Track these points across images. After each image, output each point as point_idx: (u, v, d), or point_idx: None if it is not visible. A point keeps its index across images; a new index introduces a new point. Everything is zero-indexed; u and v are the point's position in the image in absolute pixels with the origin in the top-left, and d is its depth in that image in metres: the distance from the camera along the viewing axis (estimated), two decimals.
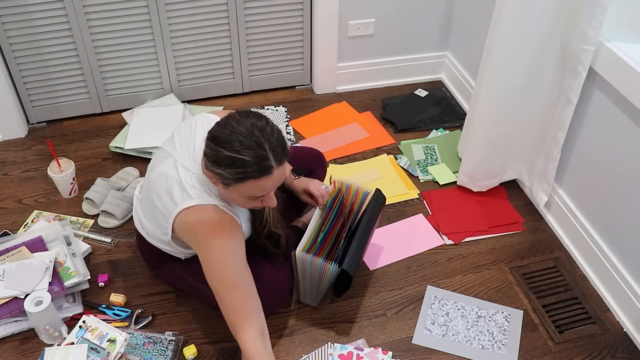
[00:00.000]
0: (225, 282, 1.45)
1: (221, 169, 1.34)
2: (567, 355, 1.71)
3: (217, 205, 1.45)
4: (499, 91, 1.97)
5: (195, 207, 1.44)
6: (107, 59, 2.44)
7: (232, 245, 1.44)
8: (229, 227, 1.45)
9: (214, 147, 1.34)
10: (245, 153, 1.30)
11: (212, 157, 1.35)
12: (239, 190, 1.37)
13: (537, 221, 2.13)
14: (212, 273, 1.46)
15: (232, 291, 1.45)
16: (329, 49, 2.61)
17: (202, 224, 1.44)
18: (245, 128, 1.32)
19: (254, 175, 1.32)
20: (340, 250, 1.67)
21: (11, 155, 2.38)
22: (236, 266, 1.45)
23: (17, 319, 1.71)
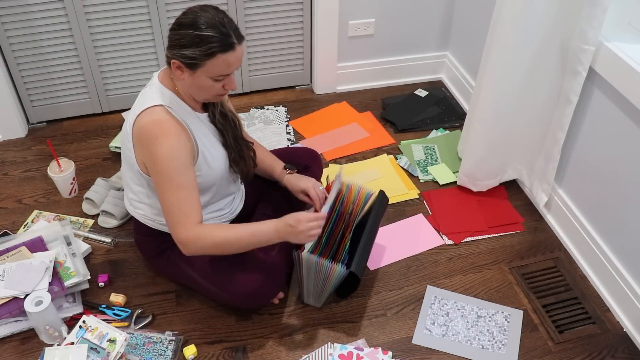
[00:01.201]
0: (170, 181, 1.49)
1: (190, 49, 1.43)
2: (567, 355, 1.71)
3: (164, 106, 1.51)
4: (499, 91, 1.97)
5: (146, 110, 1.50)
6: (107, 59, 2.44)
7: (177, 147, 1.49)
8: (174, 130, 1.49)
9: (181, 32, 1.44)
10: (210, 31, 1.42)
11: (180, 41, 1.44)
12: (207, 70, 1.45)
13: (537, 221, 2.13)
14: (157, 175, 1.51)
15: (177, 191, 1.50)
16: (329, 49, 2.61)
17: (150, 124, 1.49)
18: (210, 13, 1.45)
19: (220, 49, 1.43)
20: (346, 252, 1.67)
21: (11, 155, 2.38)
22: (181, 167, 1.50)
23: (17, 319, 1.71)
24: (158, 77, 1.57)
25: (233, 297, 1.66)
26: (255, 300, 1.68)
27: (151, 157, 1.50)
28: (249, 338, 1.73)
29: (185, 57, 1.44)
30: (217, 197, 1.72)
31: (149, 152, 1.51)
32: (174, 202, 1.51)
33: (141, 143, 1.52)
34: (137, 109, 1.54)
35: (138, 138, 1.53)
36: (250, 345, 1.71)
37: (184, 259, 1.71)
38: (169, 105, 1.52)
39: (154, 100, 1.52)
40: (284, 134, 2.49)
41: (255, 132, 2.50)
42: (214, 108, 1.65)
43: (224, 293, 1.67)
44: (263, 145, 2.21)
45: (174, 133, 1.49)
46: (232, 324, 1.76)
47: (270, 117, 2.59)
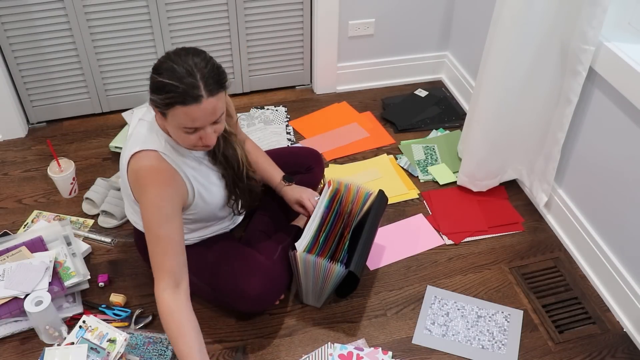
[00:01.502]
0: (150, 232, 1.45)
1: (154, 94, 1.37)
2: (567, 355, 1.71)
3: (159, 152, 1.47)
4: (499, 91, 1.97)
5: (140, 153, 1.46)
6: (107, 59, 2.44)
7: (163, 196, 1.44)
8: (165, 176, 1.46)
9: (151, 76, 1.38)
10: (175, 80, 1.33)
11: (150, 84, 1.39)
12: (172, 119, 1.38)
13: (537, 221, 2.13)
14: (143, 220, 1.48)
15: (155, 243, 1.44)
16: (329, 49, 2.61)
17: (142, 170, 1.45)
18: (182, 59, 1.36)
19: (179, 101, 1.33)
20: (345, 252, 1.67)
21: (11, 155, 2.38)
22: (162, 218, 1.44)
23: (17, 319, 1.71)
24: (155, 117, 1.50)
25: (235, 301, 1.66)
26: (257, 304, 1.68)
27: (140, 203, 1.48)
28: (249, 338, 1.73)
29: (153, 102, 1.40)
30: (217, 220, 1.72)
31: (138, 198, 1.49)
32: (152, 252, 1.45)
33: (133, 186, 1.51)
34: (132, 146, 1.49)
35: (132, 181, 1.50)
36: (250, 345, 1.71)
37: None
38: (163, 151, 1.48)
39: (148, 143, 1.47)
40: (284, 134, 2.49)
41: (255, 132, 2.50)
42: (216, 149, 1.59)
43: (226, 297, 1.67)
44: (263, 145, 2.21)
45: (163, 182, 1.45)
46: (232, 324, 1.76)
47: (270, 117, 2.59)
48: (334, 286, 1.69)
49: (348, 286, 1.78)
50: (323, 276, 1.65)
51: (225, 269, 1.66)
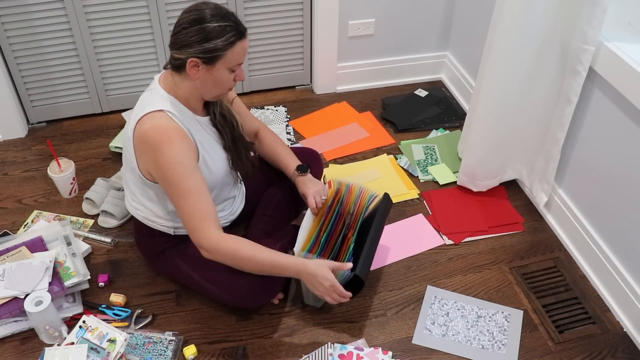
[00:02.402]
0: (178, 188, 1.49)
1: (211, 42, 1.44)
2: (567, 355, 1.71)
3: (165, 111, 1.50)
4: (499, 91, 1.97)
5: (146, 115, 1.49)
6: (107, 59, 2.44)
7: (180, 152, 1.48)
8: (176, 135, 1.49)
9: (195, 28, 1.44)
10: (226, 21, 1.45)
11: (197, 37, 1.44)
12: (227, 60, 1.47)
13: (537, 221, 2.13)
14: (165, 182, 1.50)
15: (186, 196, 1.49)
16: (329, 49, 2.61)
17: (151, 131, 1.48)
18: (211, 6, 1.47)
19: (238, 36, 1.47)
20: (350, 254, 1.66)
21: (11, 155, 2.38)
22: (186, 171, 1.49)
23: (17, 319, 1.71)
24: (159, 82, 1.57)
25: (232, 297, 1.66)
26: (254, 300, 1.68)
27: (156, 165, 1.50)
28: (249, 338, 1.73)
29: (206, 52, 1.45)
30: (218, 200, 1.72)
31: (153, 160, 1.50)
32: (185, 208, 1.51)
33: (143, 150, 1.51)
34: (137, 113, 1.53)
35: (139, 144, 1.52)
36: (250, 345, 1.71)
37: (183, 259, 1.71)
38: (169, 110, 1.51)
39: (154, 105, 1.51)
40: (284, 134, 2.49)
41: None
42: (215, 108, 1.65)
43: (223, 293, 1.67)
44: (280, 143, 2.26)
45: (176, 138, 1.49)
46: (232, 324, 1.76)
47: (270, 117, 2.59)
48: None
49: (352, 289, 1.77)
50: None
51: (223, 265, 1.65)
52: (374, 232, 1.72)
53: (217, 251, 1.52)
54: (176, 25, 1.48)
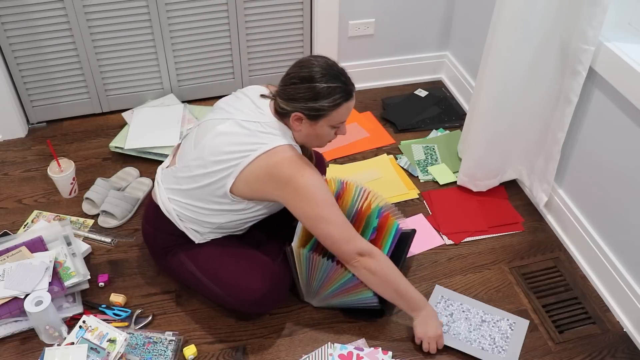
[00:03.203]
0: (329, 206, 1.53)
1: (318, 102, 1.49)
2: (567, 355, 1.71)
3: (292, 145, 1.54)
4: (499, 91, 1.97)
5: (276, 148, 1.51)
6: (107, 59, 2.44)
7: (319, 177, 1.53)
8: (307, 162, 1.54)
9: (304, 85, 1.49)
10: (335, 82, 1.50)
11: (305, 94, 1.49)
12: (331, 119, 1.52)
13: (537, 221, 2.13)
14: (312, 205, 1.52)
15: (338, 211, 1.54)
16: (329, 49, 2.61)
17: (285, 161, 1.50)
18: (322, 64, 1.51)
19: (345, 98, 1.51)
20: None
21: (11, 155, 2.38)
22: (329, 194, 1.54)
23: (17, 319, 1.71)
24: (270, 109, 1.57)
25: (238, 302, 1.66)
26: (260, 307, 1.69)
27: (295, 193, 1.51)
28: (249, 338, 1.73)
29: (311, 110, 1.50)
30: None
31: (280, 189, 1.51)
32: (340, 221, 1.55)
33: (265, 182, 1.52)
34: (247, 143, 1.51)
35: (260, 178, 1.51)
36: (250, 345, 1.71)
37: (191, 260, 1.70)
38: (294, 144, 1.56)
39: (280, 140, 1.52)
40: None
41: None
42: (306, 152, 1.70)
43: (229, 297, 1.66)
44: None
45: (309, 165, 1.53)
46: (232, 324, 1.76)
47: None
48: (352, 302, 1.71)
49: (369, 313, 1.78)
50: (323, 274, 1.65)
51: (230, 268, 1.66)
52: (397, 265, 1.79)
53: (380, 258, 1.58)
54: (286, 77, 1.52)
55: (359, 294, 1.67)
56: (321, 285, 1.69)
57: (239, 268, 1.65)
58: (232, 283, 1.64)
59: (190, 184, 1.61)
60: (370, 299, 1.67)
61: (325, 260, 1.61)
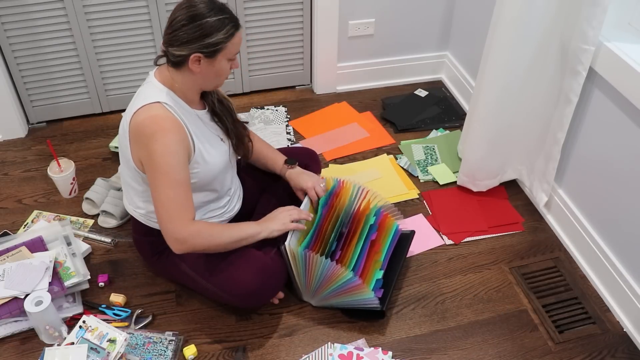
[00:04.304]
0: (166, 177, 1.51)
1: (213, 37, 1.47)
2: (567, 355, 1.71)
3: (162, 103, 1.52)
4: (499, 91, 1.97)
5: (144, 107, 1.51)
6: (107, 59, 2.44)
7: (174, 143, 1.50)
8: (171, 126, 1.51)
9: (198, 23, 1.46)
10: (223, 13, 1.49)
11: (200, 32, 1.46)
12: (227, 51, 1.51)
13: (537, 221, 2.13)
14: (154, 170, 1.52)
15: (174, 187, 1.52)
16: (329, 49, 2.61)
17: (147, 120, 1.50)
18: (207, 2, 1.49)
19: (236, 27, 1.51)
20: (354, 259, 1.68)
21: (11, 155, 2.38)
22: (179, 162, 1.51)
23: (17, 319, 1.71)
24: (155, 76, 1.58)
25: (232, 297, 1.66)
26: (254, 300, 1.68)
27: (148, 153, 1.51)
28: (249, 338, 1.73)
29: (207, 47, 1.47)
30: (215, 196, 1.72)
31: (145, 148, 1.51)
32: (170, 197, 1.52)
33: (138, 139, 1.53)
34: (134, 105, 1.55)
35: (135, 134, 1.53)
36: (250, 345, 1.71)
37: (183, 259, 1.71)
38: (166, 102, 1.53)
39: (151, 97, 1.53)
40: (284, 134, 2.49)
41: (255, 132, 2.50)
42: (212, 97, 1.68)
43: (223, 293, 1.67)
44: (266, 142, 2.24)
45: (171, 129, 1.50)
46: (232, 324, 1.76)
47: (270, 117, 2.59)
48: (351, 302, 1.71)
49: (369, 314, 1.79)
50: (321, 274, 1.65)
51: (222, 262, 1.66)
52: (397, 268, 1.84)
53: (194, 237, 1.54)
54: (172, 23, 1.48)
55: (359, 295, 1.67)
56: (320, 284, 1.70)
57: (230, 262, 1.65)
58: (224, 278, 1.65)
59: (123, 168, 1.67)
60: (371, 300, 1.67)
61: (324, 259, 1.61)
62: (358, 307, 1.73)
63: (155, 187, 1.54)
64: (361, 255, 1.70)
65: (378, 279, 1.70)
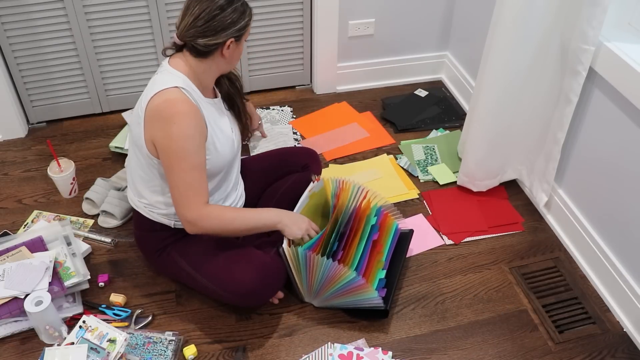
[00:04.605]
0: (184, 160, 1.53)
1: (241, 21, 1.54)
2: (567, 355, 1.71)
3: (179, 88, 1.53)
4: (499, 91, 1.97)
5: (161, 91, 1.52)
6: (107, 59, 2.44)
7: (193, 127, 1.52)
8: (189, 110, 1.52)
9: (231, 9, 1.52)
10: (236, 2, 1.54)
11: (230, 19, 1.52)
12: (247, 32, 1.59)
13: (537, 221, 2.13)
14: (171, 153, 1.53)
15: (191, 170, 1.54)
16: (329, 49, 2.61)
17: (165, 103, 1.51)
18: None
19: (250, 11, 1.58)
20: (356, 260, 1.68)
21: (11, 155, 2.38)
22: (196, 147, 1.54)
23: (17, 319, 1.71)
24: (170, 64, 1.59)
25: (232, 295, 1.66)
26: (253, 299, 1.68)
27: (165, 135, 1.52)
28: (249, 338, 1.73)
29: (238, 30, 1.54)
30: (220, 186, 1.73)
31: (162, 131, 1.52)
32: (187, 180, 1.54)
33: (154, 122, 1.53)
34: (151, 90, 1.55)
35: (151, 117, 1.54)
36: (250, 345, 1.71)
37: (184, 257, 1.71)
38: (183, 87, 1.54)
39: (168, 82, 1.54)
40: (290, 134, 2.49)
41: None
42: (223, 79, 1.75)
43: (222, 291, 1.67)
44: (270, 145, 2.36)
45: (189, 113, 1.52)
46: (232, 324, 1.76)
47: (276, 117, 2.59)
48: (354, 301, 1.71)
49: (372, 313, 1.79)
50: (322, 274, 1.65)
51: (220, 261, 1.66)
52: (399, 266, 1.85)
53: (206, 219, 1.58)
54: (200, 15, 1.50)
55: (362, 295, 1.67)
56: (322, 285, 1.69)
57: (230, 261, 1.66)
58: (224, 276, 1.65)
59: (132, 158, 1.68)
60: (374, 299, 1.67)
61: (325, 259, 1.61)
62: (362, 306, 1.73)
63: (170, 170, 1.55)
64: (363, 255, 1.70)
65: (381, 278, 1.70)
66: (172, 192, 1.58)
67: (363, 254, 1.70)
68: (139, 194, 1.71)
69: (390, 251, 1.81)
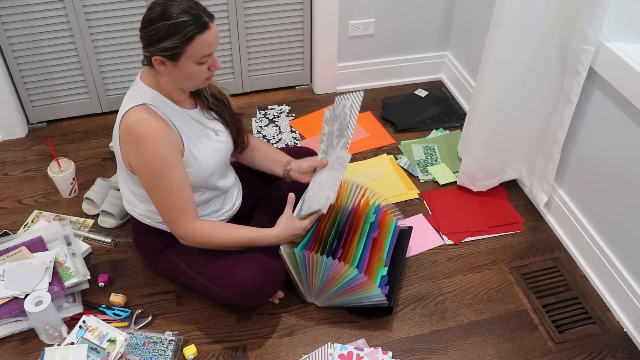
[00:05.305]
0: (160, 182, 1.52)
1: (168, 40, 1.43)
2: (567, 355, 1.71)
3: (147, 104, 1.52)
4: (499, 91, 1.97)
5: (130, 110, 1.51)
6: (107, 59, 2.44)
7: (162, 146, 1.50)
8: (158, 128, 1.49)
9: (153, 27, 1.43)
10: (183, 16, 1.42)
11: (155, 36, 1.43)
12: (190, 55, 1.45)
13: (537, 221, 2.13)
14: (147, 176, 1.52)
15: (170, 190, 1.53)
16: (329, 49, 2.61)
17: (134, 123, 1.49)
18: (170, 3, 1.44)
19: (197, 31, 1.43)
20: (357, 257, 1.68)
21: (11, 155, 2.38)
22: (169, 166, 1.51)
23: (17, 319, 1.71)
24: (141, 78, 1.58)
25: (231, 295, 1.66)
26: (253, 298, 1.68)
27: (138, 158, 1.51)
28: (249, 338, 1.73)
29: (165, 50, 1.44)
30: (212, 195, 1.72)
31: (134, 153, 1.52)
32: (168, 201, 1.54)
33: (126, 144, 1.53)
34: (122, 108, 1.55)
35: (123, 139, 1.54)
36: (250, 345, 1.71)
37: (182, 258, 1.71)
38: (152, 103, 1.53)
39: (135, 99, 1.53)
40: (288, 134, 2.49)
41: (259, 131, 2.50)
42: (206, 93, 1.68)
43: (222, 291, 1.67)
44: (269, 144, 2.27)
45: (157, 132, 1.49)
46: (232, 324, 1.76)
47: (277, 117, 2.59)
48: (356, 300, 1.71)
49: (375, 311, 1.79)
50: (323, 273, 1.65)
51: (220, 261, 1.66)
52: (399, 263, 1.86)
53: (195, 237, 1.59)
54: (142, 22, 1.47)
55: (365, 292, 1.67)
56: (324, 284, 1.69)
57: (229, 261, 1.66)
58: (224, 276, 1.65)
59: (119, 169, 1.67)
60: (377, 297, 1.67)
61: (324, 257, 1.61)
62: (365, 304, 1.73)
63: (151, 192, 1.56)
64: (364, 253, 1.70)
65: (383, 275, 1.70)
66: (158, 212, 1.59)
67: (363, 251, 1.70)
68: (132, 203, 1.72)
69: (390, 248, 1.81)
